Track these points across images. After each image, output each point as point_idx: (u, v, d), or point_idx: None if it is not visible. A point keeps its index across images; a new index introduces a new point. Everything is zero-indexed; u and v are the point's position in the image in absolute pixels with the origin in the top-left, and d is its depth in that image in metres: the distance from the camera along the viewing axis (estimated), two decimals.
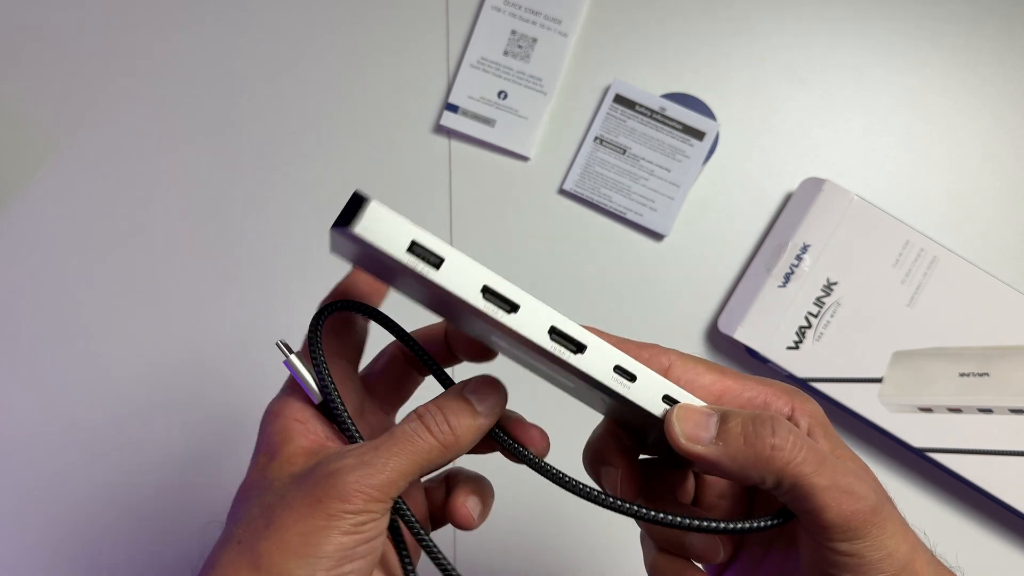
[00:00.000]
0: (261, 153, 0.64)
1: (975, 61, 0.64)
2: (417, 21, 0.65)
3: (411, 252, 0.27)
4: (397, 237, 0.27)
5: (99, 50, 0.65)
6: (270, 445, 0.32)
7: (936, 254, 0.58)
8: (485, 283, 0.28)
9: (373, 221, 0.27)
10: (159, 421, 0.61)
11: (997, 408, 0.56)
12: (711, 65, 0.64)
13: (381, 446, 0.30)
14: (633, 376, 0.30)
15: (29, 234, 0.63)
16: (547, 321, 0.29)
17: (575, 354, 0.29)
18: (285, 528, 0.29)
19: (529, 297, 0.28)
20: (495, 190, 0.63)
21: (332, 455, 0.31)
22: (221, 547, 0.30)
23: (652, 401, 0.31)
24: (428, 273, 0.27)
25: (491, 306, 0.28)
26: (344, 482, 0.29)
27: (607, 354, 0.30)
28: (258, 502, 0.30)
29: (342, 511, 0.29)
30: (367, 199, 0.27)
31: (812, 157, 0.63)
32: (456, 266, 0.28)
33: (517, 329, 0.28)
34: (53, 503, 0.60)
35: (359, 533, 0.29)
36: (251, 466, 0.33)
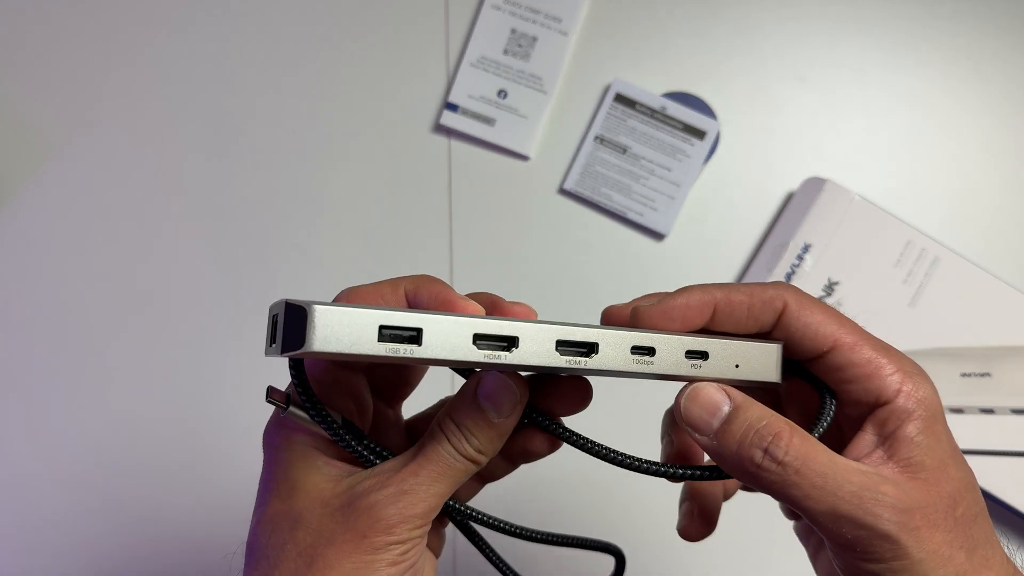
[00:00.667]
0: (260, 152, 0.64)
1: (977, 60, 0.63)
2: (417, 20, 0.64)
3: (384, 341, 0.25)
4: (363, 333, 0.24)
5: (98, 50, 0.65)
6: (287, 473, 0.30)
7: (937, 254, 0.58)
8: (475, 331, 0.26)
9: (326, 329, 0.24)
10: (159, 420, 0.61)
11: (999, 408, 0.56)
12: (712, 64, 0.64)
13: (420, 471, 0.29)
14: (653, 351, 0.29)
15: (27, 234, 0.63)
16: (554, 336, 0.27)
17: (587, 357, 0.28)
18: (330, 567, 0.28)
19: (530, 326, 0.27)
20: (495, 190, 0.63)
21: (367, 483, 0.29)
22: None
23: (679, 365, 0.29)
24: (413, 354, 0.25)
25: (511, 352, 0.26)
26: (387, 515, 0.28)
27: (623, 340, 0.28)
28: (291, 538, 0.29)
29: (387, 543, 0.28)
30: (306, 307, 0.24)
31: (813, 156, 0.63)
32: (438, 330, 0.26)
33: (543, 364, 0.27)
34: (52, 505, 0.60)
35: (404, 561, 0.29)
36: (267, 497, 0.31)
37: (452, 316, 0.26)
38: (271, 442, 0.31)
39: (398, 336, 0.25)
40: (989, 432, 0.56)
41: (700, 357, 0.29)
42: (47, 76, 0.64)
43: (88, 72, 0.64)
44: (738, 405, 0.29)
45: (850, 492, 0.27)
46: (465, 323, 0.26)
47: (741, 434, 0.28)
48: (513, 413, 0.30)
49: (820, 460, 0.27)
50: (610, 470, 0.31)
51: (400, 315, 0.25)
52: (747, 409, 0.29)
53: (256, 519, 0.31)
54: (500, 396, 0.30)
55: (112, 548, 0.59)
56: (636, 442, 0.36)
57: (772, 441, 0.28)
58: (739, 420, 0.29)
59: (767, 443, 0.28)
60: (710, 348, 0.30)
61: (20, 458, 0.60)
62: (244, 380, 0.61)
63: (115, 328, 0.62)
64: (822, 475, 0.27)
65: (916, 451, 0.28)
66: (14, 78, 0.64)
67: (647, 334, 0.29)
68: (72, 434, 0.61)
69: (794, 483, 0.27)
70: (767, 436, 0.28)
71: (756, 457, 0.28)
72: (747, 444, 0.28)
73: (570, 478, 0.59)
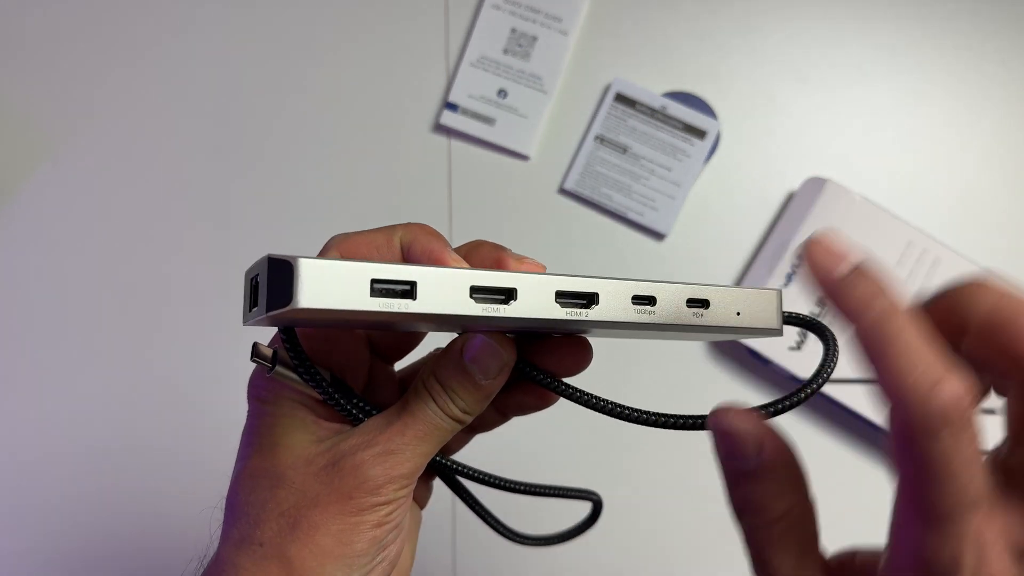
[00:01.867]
0: (260, 152, 0.64)
1: (978, 60, 0.63)
2: (416, 19, 0.64)
3: (376, 296, 0.24)
4: (354, 288, 0.23)
5: (97, 50, 0.64)
6: (272, 429, 0.29)
7: (939, 255, 0.58)
8: (471, 283, 0.25)
9: (315, 283, 0.22)
10: (159, 420, 0.61)
11: (1000, 409, 0.56)
12: (712, 64, 0.63)
13: (406, 431, 0.28)
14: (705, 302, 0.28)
15: (26, 233, 0.63)
16: (554, 286, 0.26)
17: (587, 308, 0.27)
18: (315, 529, 0.27)
19: (528, 277, 0.26)
20: (495, 189, 0.63)
21: (352, 442, 0.28)
22: (238, 548, 0.28)
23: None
24: (408, 308, 0.24)
25: (515, 305, 0.25)
26: (373, 475, 0.27)
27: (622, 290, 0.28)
28: (272, 497, 0.28)
29: (373, 504, 0.27)
30: (291, 261, 0.22)
31: (814, 156, 0.63)
32: (433, 283, 0.24)
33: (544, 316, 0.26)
34: (50, 498, 0.60)
35: (390, 522, 0.28)
36: (249, 451, 0.30)
37: (448, 268, 0.25)
38: (257, 395, 0.30)
39: (391, 290, 0.24)
40: (989, 432, 0.56)
41: (701, 306, 0.29)
42: (45, 76, 0.64)
43: (87, 72, 0.64)
44: (767, 431, 0.25)
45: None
46: (461, 275, 0.25)
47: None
48: (499, 375, 0.29)
49: None
50: (596, 424, 0.31)
51: (393, 267, 0.24)
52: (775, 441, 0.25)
53: (236, 474, 0.30)
54: (486, 359, 0.29)
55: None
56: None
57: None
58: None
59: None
60: (711, 296, 0.29)
61: (20, 458, 0.60)
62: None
63: (115, 328, 0.62)
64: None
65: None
66: (13, 78, 0.64)
67: (647, 283, 0.28)
68: (71, 434, 0.60)
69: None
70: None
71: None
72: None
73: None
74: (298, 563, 0.27)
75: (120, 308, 0.62)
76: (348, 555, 0.27)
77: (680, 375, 0.61)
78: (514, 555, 0.59)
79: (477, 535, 0.59)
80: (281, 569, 0.27)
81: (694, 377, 0.61)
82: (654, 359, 0.61)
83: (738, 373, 0.61)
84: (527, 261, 0.29)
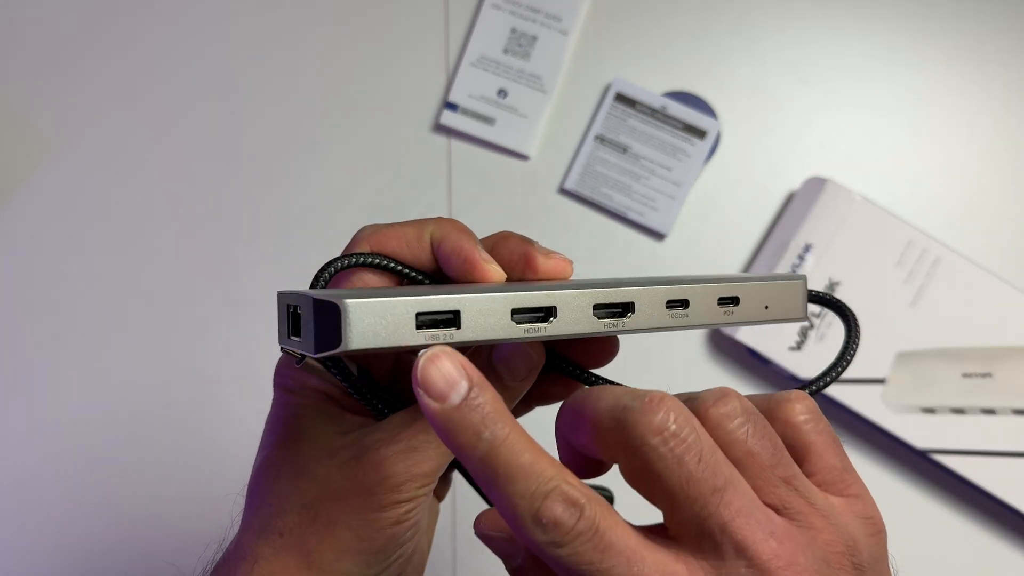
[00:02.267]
0: (258, 152, 0.64)
1: (978, 59, 0.63)
2: (416, 19, 0.64)
3: (422, 328, 0.24)
4: (400, 324, 0.23)
5: (96, 50, 0.64)
6: (297, 419, 0.29)
7: (939, 254, 0.58)
8: (512, 307, 0.25)
9: (362, 324, 0.22)
10: (157, 419, 0.61)
11: (1000, 409, 0.56)
12: (712, 63, 0.63)
13: (430, 428, 0.28)
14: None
15: (24, 235, 0.63)
16: (591, 300, 0.27)
17: (624, 317, 0.27)
18: (335, 523, 0.27)
19: (566, 294, 0.26)
20: (495, 189, 0.63)
21: (376, 436, 0.28)
22: (259, 536, 0.28)
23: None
24: (452, 338, 0.24)
25: (545, 324, 0.25)
26: (395, 472, 0.27)
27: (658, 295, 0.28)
28: (295, 488, 0.28)
29: (395, 501, 0.27)
30: (339, 303, 0.22)
31: (814, 156, 0.63)
32: (475, 311, 0.25)
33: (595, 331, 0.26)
34: (53, 493, 0.60)
35: (409, 520, 0.28)
36: (272, 440, 0.30)
37: (488, 293, 0.25)
38: (283, 384, 0.30)
39: (436, 321, 0.24)
40: (990, 432, 0.56)
41: (732, 303, 0.29)
42: (45, 76, 0.64)
43: (87, 72, 0.64)
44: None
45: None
46: (502, 299, 0.25)
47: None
48: (528, 377, 0.29)
49: None
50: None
51: (436, 299, 0.24)
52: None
53: (259, 463, 0.30)
54: (516, 361, 0.29)
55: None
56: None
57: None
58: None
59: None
60: (741, 293, 0.30)
61: (19, 456, 0.60)
62: (248, 378, 0.61)
63: (114, 327, 0.62)
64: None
65: None
66: (12, 78, 0.64)
67: (680, 287, 0.28)
68: (70, 431, 0.60)
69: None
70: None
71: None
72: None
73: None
74: (316, 556, 0.27)
75: (120, 308, 0.62)
76: (366, 551, 0.27)
77: (680, 374, 0.61)
78: None
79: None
80: (300, 560, 0.27)
81: (695, 376, 0.61)
82: (653, 358, 0.61)
83: (738, 373, 0.61)
84: (555, 256, 0.29)
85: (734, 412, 0.24)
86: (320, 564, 0.27)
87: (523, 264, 0.29)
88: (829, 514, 0.24)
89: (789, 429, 0.26)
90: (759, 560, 0.22)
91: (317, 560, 0.27)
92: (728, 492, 0.23)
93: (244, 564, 0.28)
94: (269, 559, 0.27)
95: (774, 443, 0.25)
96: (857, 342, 0.30)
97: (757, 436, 0.24)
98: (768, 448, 0.24)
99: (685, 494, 0.23)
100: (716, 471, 0.23)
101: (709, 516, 0.22)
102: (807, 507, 0.24)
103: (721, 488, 0.23)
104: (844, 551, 0.24)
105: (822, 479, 0.26)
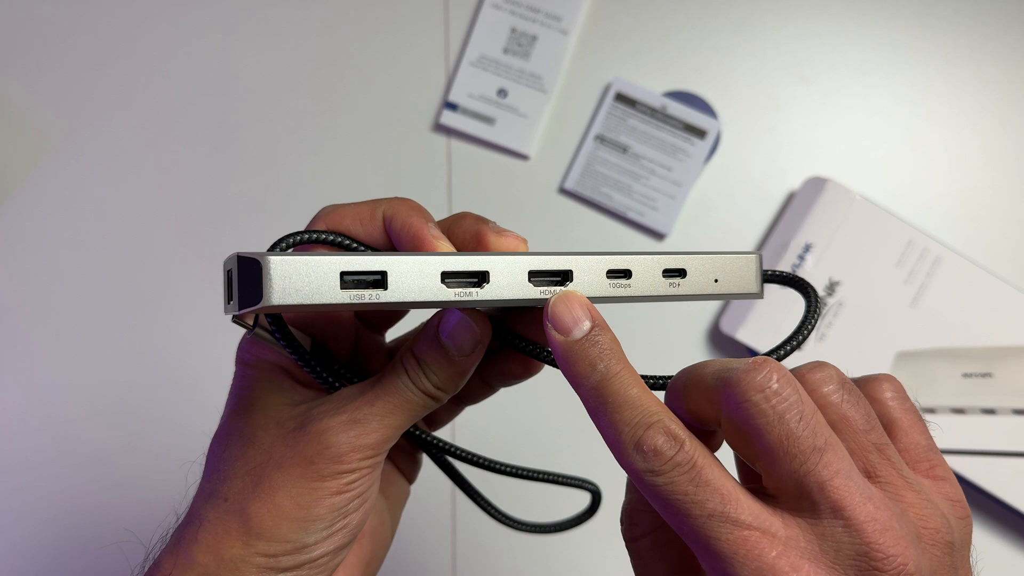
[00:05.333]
0: (259, 151, 0.64)
1: (978, 60, 0.63)
2: (416, 19, 0.64)
3: (347, 288, 0.24)
4: (324, 282, 0.23)
5: (96, 48, 0.64)
6: (251, 391, 0.30)
7: (939, 254, 0.58)
8: (443, 269, 0.25)
9: (284, 281, 0.23)
10: (156, 419, 0.61)
11: (1000, 409, 0.56)
12: (713, 63, 0.63)
13: (375, 401, 0.28)
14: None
15: (24, 233, 0.62)
16: (526, 267, 0.26)
17: (562, 286, 0.27)
18: (275, 490, 0.28)
19: (500, 259, 0.26)
20: (495, 189, 0.63)
21: (321, 408, 0.29)
22: (206, 500, 0.29)
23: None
24: (379, 298, 0.24)
25: (475, 289, 0.25)
26: (336, 442, 0.28)
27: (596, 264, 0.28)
28: (242, 455, 0.29)
29: (335, 471, 0.28)
30: (260, 259, 0.23)
31: (815, 156, 0.63)
32: (403, 272, 0.24)
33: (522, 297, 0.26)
34: (49, 487, 0.60)
35: (351, 491, 0.28)
36: (228, 411, 0.31)
37: (418, 256, 0.25)
38: (242, 358, 0.31)
39: (362, 281, 0.24)
40: (990, 432, 0.56)
41: (678, 275, 0.29)
42: (45, 76, 0.64)
43: (87, 71, 0.64)
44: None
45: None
46: (432, 262, 0.25)
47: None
48: (474, 352, 0.29)
49: None
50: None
51: (362, 259, 0.24)
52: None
53: (215, 432, 0.31)
54: (461, 334, 0.29)
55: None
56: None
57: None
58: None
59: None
60: (688, 265, 0.29)
61: (19, 456, 0.60)
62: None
63: (114, 327, 0.62)
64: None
65: None
66: (11, 76, 0.64)
67: (622, 256, 0.28)
68: (70, 431, 0.60)
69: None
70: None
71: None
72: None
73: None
74: (256, 520, 0.28)
75: (119, 307, 0.62)
76: (304, 518, 0.28)
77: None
78: (513, 550, 0.59)
79: (477, 529, 0.59)
80: (241, 525, 0.28)
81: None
82: (650, 357, 0.61)
83: None
84: (507, 235, 0.29)
85: (830, 378, 0.26)
86: (259, 529, 0.28)
87: (475, 242, 0.29)
88: (920, 490, 0.25)
89: (876, 405, 0.27)
90: (855, 521, 0.23)
91: (256, 525, 0.28)
92: (828, 453, 0.23)
93: (191, 527, 0.29)
94: (213, 522, 0.28)
95: (867, 412, 0.25)
96: (816, 316, 0.30)
97: (851, 402, 0.25)
98: (862, 414, 0.25)
99: (785, 450, 0.23)
100: (816, 431, 0.24)
101: (808, 473, 0.23)
102: (898, 478, 0.25)
103: (821, 448, 0.23)
104: (937, 528, 0.24)
105: (908, 457, 0.26)
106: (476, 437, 0.59)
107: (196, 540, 0.28)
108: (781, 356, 0.29)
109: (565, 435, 0.60)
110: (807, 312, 0.30)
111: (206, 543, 0.28)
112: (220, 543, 0.28)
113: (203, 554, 0.28)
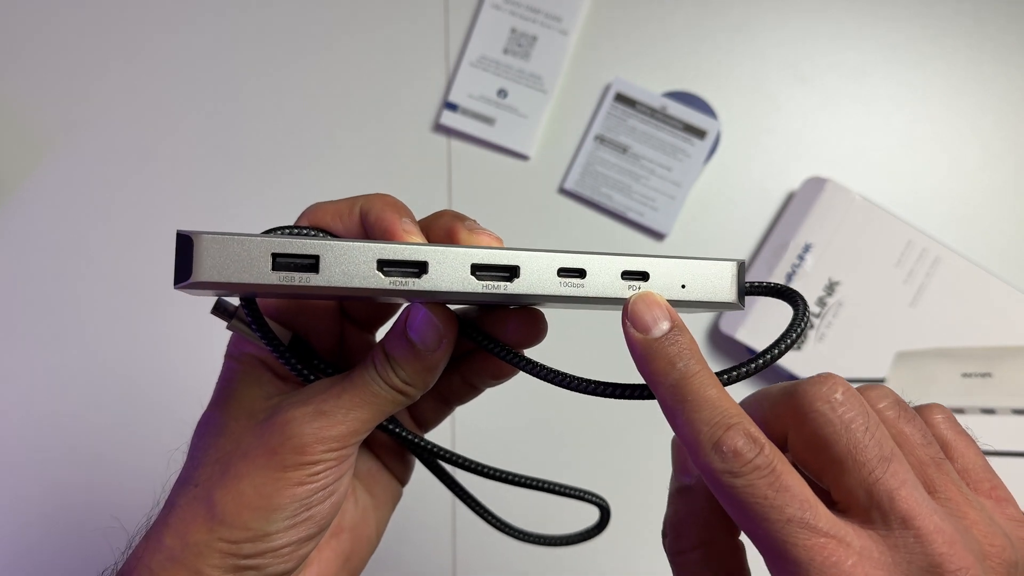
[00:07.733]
0: (259, 151, 0.64)
1: (978, 60, 0.63)
2: (416, 19, 0.64)
3: (278, 269, 0.24)
4: (254, 262, 0.23)
5: (96, 47, 0.64)
6: (231, 383, 0.31)
7: (938, 254, 0.58)
8: (379, 257, 0.25)
9: (214, 258, 0.23)
10: (154, 417, 0.61)
11: (1000, 409, 0.56)
12: (712, 63, 0.63)
13: (342, 394, 0.29)
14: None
15: (23, 233, 0.63)
16: (469, 260, 0.26)
17: (508, 281, 0.26)
18: (239, 478, 0.28)
19: (442, 250, 0.25)
20: (495, 189, 0.63)
21: (289, 400, 0.29)
22: (180, 486, 0.30)
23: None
24: (309, 282, 0.24)
25: (411, 279, 0.25)
26: (300, 433, 0.28)
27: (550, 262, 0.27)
28: (214, 444, 0.30)
29: (298, 462, 0.28)
30: (192, 236, 0.23)
31: (814, 156, 0.63)
32: (337, 257, 0.24)
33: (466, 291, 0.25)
34: (48, 486, 0.60)
35: (315, 482, 0.29)
36: (210, 402, 0.32)
37: (354, 241, 0.25)
38: (229, 352, 0.32)
39: (293, 264, 0.24)
40: (990, 432, 0.56)
41: (639, 278, 0.27)
42: (45, 76, 0.64)
43: (86, 71, 0.64)
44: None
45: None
46: (367, 248, 0.25)
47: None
48: (439, 347, 0.29)
49: None
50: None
51: (296, 242, 0.24)
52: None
53: (197, 422, 0.32)
54: (424, 329, 0.29)
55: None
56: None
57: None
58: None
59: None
60: (651, 268, 0.27)
61: (18, 455, 0.60)
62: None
63: (113, 326, 0.62)
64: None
65: None
66: (12, 75, 0.64)
67: (576, 255, 0.27)
68: (69, 430, 0.60)
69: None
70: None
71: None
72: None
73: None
74: (220, 507, 0.28)
75: (119, 306, 0.62)
76: (266, 507, 0.28)
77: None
78: (513, 551, 0.59)
79: (478, 537, 0.59)
80: (207, 511, 0.28)
81: None
82: None
83: None
84: (481, 233, 0.29)
85: (885, 396, 0.26)
86: (222, 516, 0.28)
87: (447, 239, 0.29)
88: (981, 509, 0.25)
89: (929, 427, 0.27)
90: (924, 532, 0.23)
91: (220, 511, 0.28)
92: (894, 463, 0.24)
93: (164, 512, 0.29)
94: (182, 507, 0.29)
95: (924, 429, 0.26)
96: (801, 330, 0.28)
97: (907, 419, 0.26)
98: (919, 430, 0.26)
99: (853, 459, 0.24)
100: (882, 441, 0.24)
101: (877, 481, 0.23)
102: (959, 495, 0.25)
103: (888, 457, 0.24)
104: (1001, 546, 0.24)
105: (967, 478, 0.27)
106: (476, 441, 0.59)
107: (166, 524, 0.29)
108: (763, 364, 0.28)
109: (571, 443, 0.60)
110: (793, 322, 0.28)
111: (174, 527, 0.28)
112: (187, 528, 0.28)
113: (171, 538, 0.28)
